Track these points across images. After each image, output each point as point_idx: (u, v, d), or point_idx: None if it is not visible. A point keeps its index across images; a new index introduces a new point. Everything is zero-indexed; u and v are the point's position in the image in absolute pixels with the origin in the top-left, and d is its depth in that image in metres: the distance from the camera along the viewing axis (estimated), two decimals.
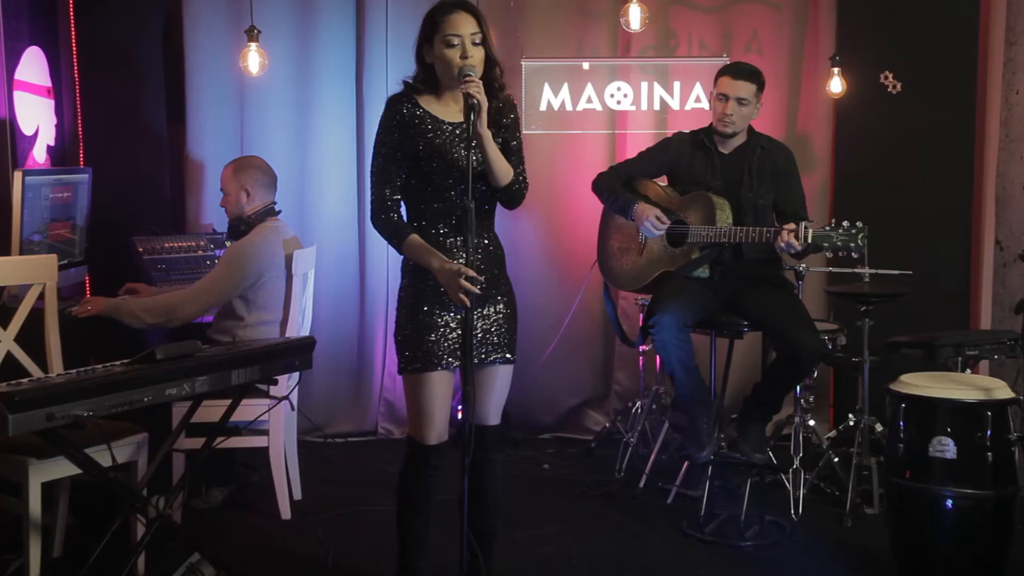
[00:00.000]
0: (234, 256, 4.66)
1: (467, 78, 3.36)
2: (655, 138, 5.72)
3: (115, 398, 3.24)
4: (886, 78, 5.88)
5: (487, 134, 3.40)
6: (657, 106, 6.03)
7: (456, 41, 3.41)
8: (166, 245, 5.42)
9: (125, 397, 3.27)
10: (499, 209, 3.63)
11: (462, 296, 3.32)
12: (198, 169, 5.98)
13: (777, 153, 4.87)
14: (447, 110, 3.52)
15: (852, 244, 4.32)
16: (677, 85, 6.00)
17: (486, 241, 3.57)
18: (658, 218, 4.77)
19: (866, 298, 4.82)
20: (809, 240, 4.37)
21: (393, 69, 5.84)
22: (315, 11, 6.00)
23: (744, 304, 4.76)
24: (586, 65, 5.95)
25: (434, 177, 3.45)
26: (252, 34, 5.48)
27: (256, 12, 5.61)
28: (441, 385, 3.54)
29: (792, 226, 4.41)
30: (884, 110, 5.90)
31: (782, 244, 4.43)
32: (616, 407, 6.21)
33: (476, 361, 3.52)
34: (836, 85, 5.82)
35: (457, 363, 3.52)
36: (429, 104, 3.51)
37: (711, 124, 4.92)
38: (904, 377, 4.09)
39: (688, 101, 6.01)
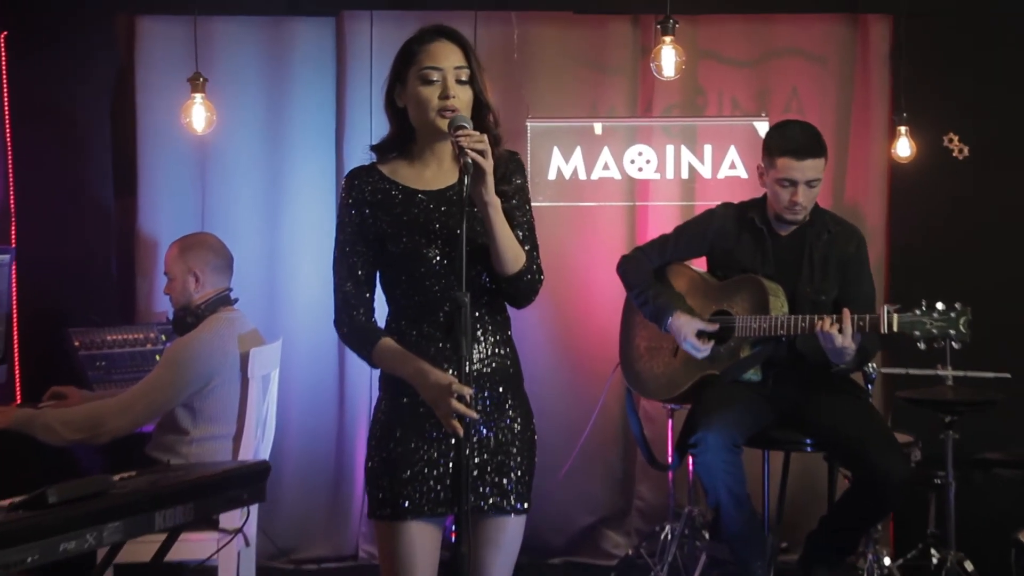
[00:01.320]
0: (176, 355, 4.04)
1: (460, 130, 2.66)
2: (682, 211, 5.31)
3: None
4: (951, 141, 5.31)
5: (496, 202, 2.68)
6: (685, 174, 5.42)
7: (435, 76, 2.73)
8: (108, 338, 4.83)
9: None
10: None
11: (454, 421, 2.56)
12: (151, 248, 5.39)
13: (847, 240, 4.19)
14: (419, 175, 2.84)
15: (952, 331, 3.70)
16: (708, 149, 5.40)
17: (495, 348, 2.83)
18: (700, 336, 4.15)
19: (952, 407, 4.15)
20: (895, 328, 3.73)
21: (378, 131, 5.11)
22: (288, 66, 5.47)
23: (807, 416, 4.06)
24: (598, 129, 5.39)
25: (408, 262, 2.78)
26: (197, 83, 4.81)
27: (219, 67, 5.23)
28: (420, 537, 2.77)
29: (845, 319, 3.78)
30: (948, 176, 5.32)
31: (819, 331, 3.82)
32: (639, 527, 5.51)
33: (473, 509, 2.72)
34: (903, 148, 5.19)
35: (445, 510, 2.75)
36: (398, 171, 2.85)
37: (763, 198, 4.22)
38: None
39: (721, 168, 5.40)
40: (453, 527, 2.60)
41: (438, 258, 2.75)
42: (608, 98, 5.52)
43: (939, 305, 3.74)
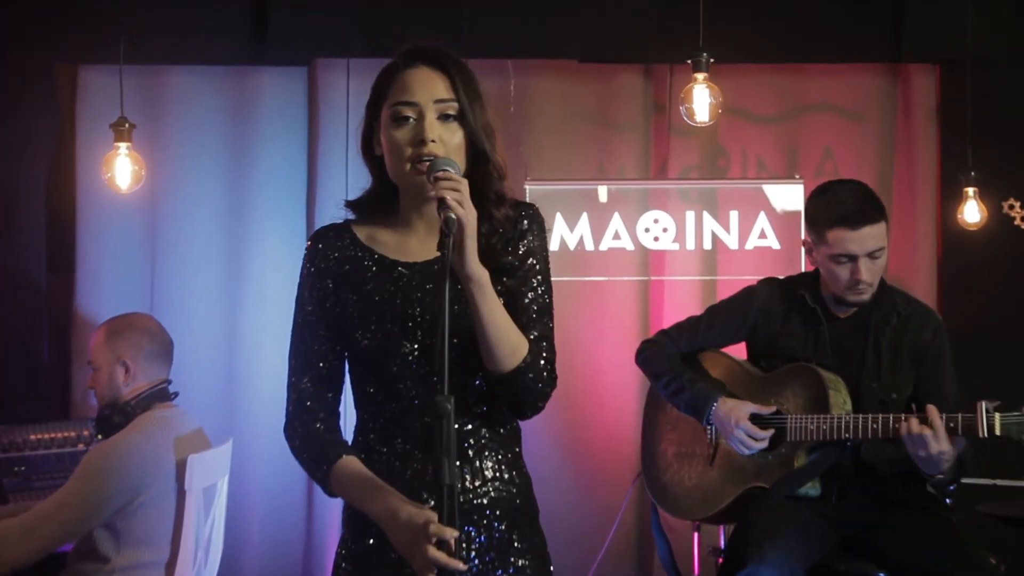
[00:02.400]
0: (96, 464, 3.43)
1: (441, 173, 2.07)
2: (704, 286, 5.04)
3: None
4: (1011, 207, 5.09)
5: (480, 275, 2.07)
6: (708, 244, 5.07)
7: (408, 113, 2.18)
8: (31, 437, 4.31)
9: None
10: None
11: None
12: (89, 331, 4.83)
13: (922, 325, 3.59)
14: (402, 243, 2.29)
15: None
16: (734, 216, 5.03)
17: (496, 471, 2.24)
18: (755, 419, 3.53)
19: None
20: (997, 430, 3.17)
21: (355, 192, 4.74)
22: (254, 121, 5.21)
23: (880, 541, 3.42)
24: (603, 195, 5.01)
25: (379, 357, 2.21)
26: (122, 130, 4.27)
27: (177, 125, 5.00)
28: None
29: (934, 418, 3.21)
30: (1009, 248, 5.12)
31: (905, 434, 3.25)
32: None
33: None
34: (972, 212, 4.76)
35: None
36: (376, 236, 2.30)
37: (814, 273, 3.69)
38: None
39: (749, 238, 5.02)
40: None
41: (416, 353, 2.18)
42: (617, 158, 5.27)
43: None
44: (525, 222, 2.23)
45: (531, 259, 2.23)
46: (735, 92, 5.14)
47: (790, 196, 4.93)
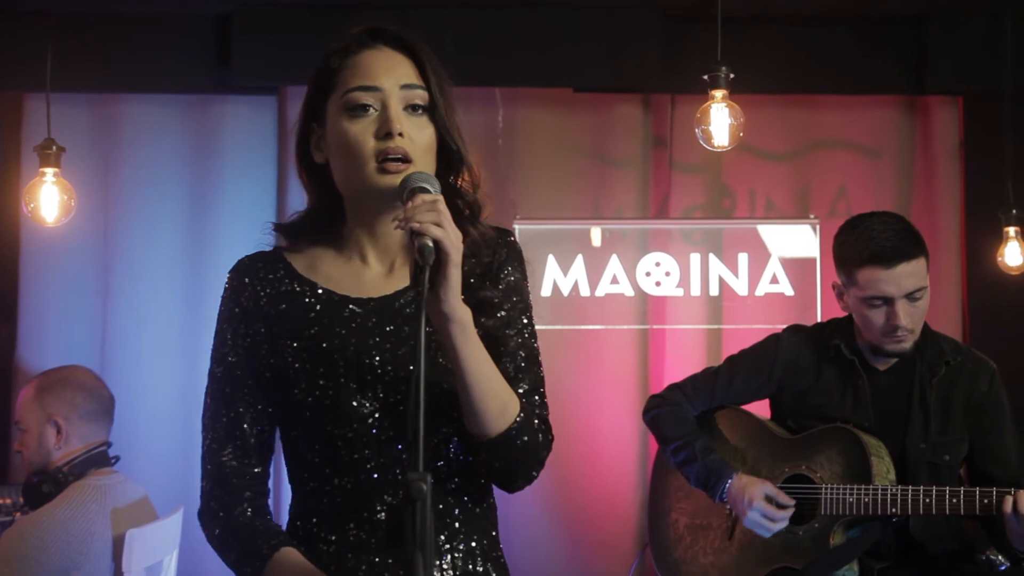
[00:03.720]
0: (19, 542, 3.12)
1: (416, 197, 1.69)
2: (709, 336, 4.83)
3: None
4: None
5: (460, 315, 1.70)
6: (714, 290, 4.86)
7: (369, 100, 1.80)
8: None
9: None
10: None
11: None
12: None
13: (975, 373, 3.23)
14: (352, 274, 1.90)
15: None
16: (743, 259, 4.81)
17: (470, 561, 1.85)
18: (771, 500, 3.17)
19: None
20: None
21: None
22: (219, 155, 4.99)
23: None
24: (596, 238, 4.83)
25: (325, 421, 1.81)
26: (48, 154, 3.85)
27: (133, 157, 4.77)
28: None
29: None
30: None
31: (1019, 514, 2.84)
32: None
33: None
34: (1014, 255, 4.45)
35: None
36: (317, 264, 1.90)
37: (848, 319, 3.35)
38: None
39: (760, 283, 4.81)
40: None
41: (377, 415, 1.77)
42: (615, 196, 5.09)
43: None
44: (504, 250, 1.87)
45: (515, 296, 1.87)
46: (744, 127, 4.85)
47: (804, 237, 4.75)
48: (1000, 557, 3.24)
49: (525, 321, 1.87)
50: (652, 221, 5.02)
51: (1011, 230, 4.46)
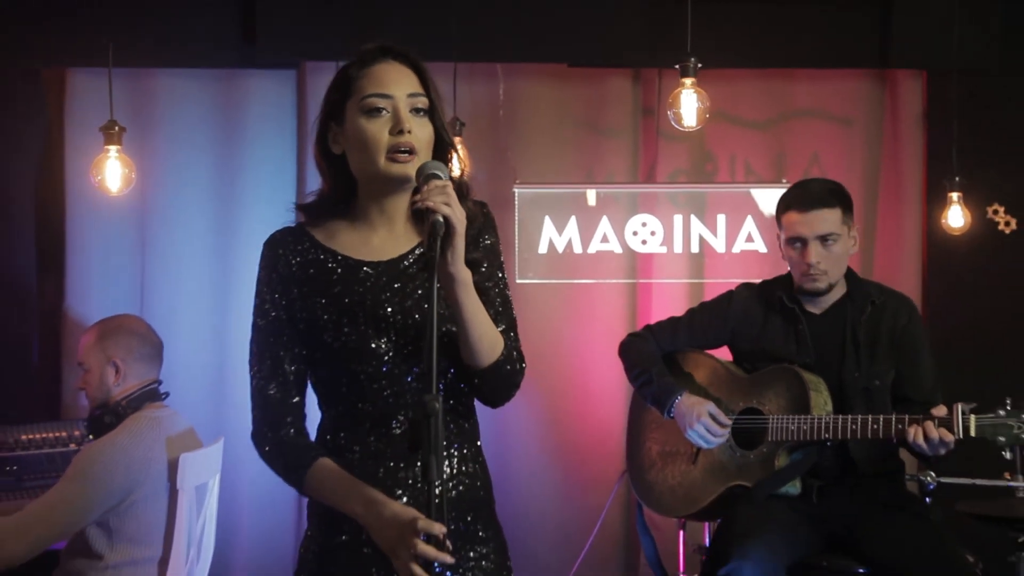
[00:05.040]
0: (88, 464, 3.40)
1: (430, 182, 2.07)
2: (691, 289, 5.03)
3: None
4: (996, 212, 5.08)
5: (465, 276, 2.08)
6: (695, 247, 5.06)
7: (383, 104, 2.16)
8: (22, 437, 4.28)
9: None
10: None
11: (416, 570, 1.97)
12: (79, 332, 4.75)
13: (896, 310, 3.63)
14: (365, 242, 2.26)
15: None
16: (721, 220, 5.02)
17: (463, 465, 2.26)
18: (714, 418, 3.56)
19: None
20: (972, 432, 3.21)
21: None
22: (242, 123, 5.13)
23: (859, 539, 3.45)
24: (593, 197, 5.00)
25: (349, 359, 2.19)
26: (112, 133, 4.19)
27: (166, 127, 4.92)
28: None
29: (942, 410, 3.24)
30: (992, 251, 5.12)
31: (923, 442, 3.24)
32: None
33: None
34: (956, 218, 4.76)
35: None
36: (334, 237, 2.27)
37: (788, 274, 3.74)
38: None
39: (737, 241, 5.02)
40: None
41: (390, 354, 2.17)
42: (606, 162, 5.23)
43: None
44: (482, 219, 2.25)
45: (492, 255, 2.25)
46: (723, 97, 5.11)
47: (776, 200, 4.86)
48: (929, 477, 3.59)
49: (500, 275, 2.26)
50: (640, 185, 5.15)
51: (954, 195, 4.74)
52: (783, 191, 4.70)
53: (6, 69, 4.85)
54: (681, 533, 4.27)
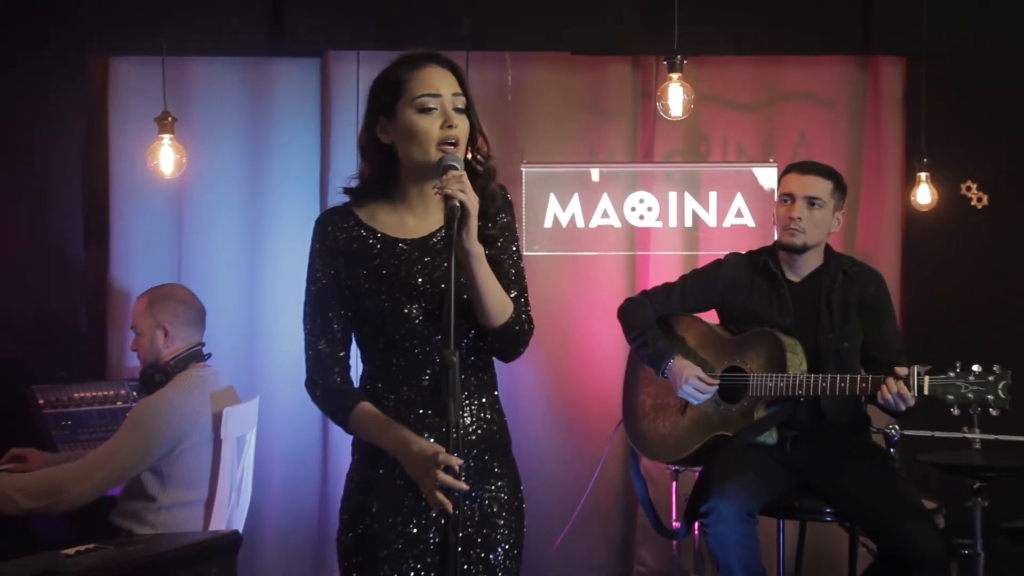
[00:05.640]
0: (143, 416, 3.76)
1: (448, 172, 2.39)
2: (685, 260, 5.15)
3: None
4: (968, 189, 5.18)
5: (478, 251, 2.40)
6: (689, 222, 5.23)
7: (433, 104, 2.45)
8: (75, 395, 4.57)
9: None
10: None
11: (440, 496, 2.29)
12: (123, 300, 5.13)
13: (865, 281, 3.96)
14: (401, 221, 2.58)
15: (990, 397, 3.49)
16: (713, 197, 5.21)
17: (481, 412, 2.57)
18: (701, 380, 3.89)
19: (980, 472, 3.82)
20: (926, 391, 3.52)
21: None
22: (271, 108, 5.30)
23: (828, 483, 3.78)
24: (595, 175, 5.20)
25: (386, 321, 2.51)
26: (165, 123, 4.49)
27: (199, 112, 5.06)
28: None
29: (903, 370, 3.53)
30: (967, 228, 5.22)
31: (888, 397, 3.55)
32: None
33: None
34: (924, 195, 4.95)
35: None
36: (375, 217, 2.58)
37: (774, 243, 4.04)
38: None
39: (727, 216, 5.20)
40: None
41: (420, 317, 2.49)
42: (607, 143, 5.37)
43: (975, 367, 3.54)
44: (500, 200, 2.57)
45: (508, 232, 2.56)
46: (717, 82, 5.27)
47: (765, 178, 5.10)
48: (894, 430, 3.86)
49: (514, 249, 2.57)
50: (638, 164, 5.28)
51: (922, 175, 4.92)
52: (771, 170, 4.99)
53: (54, 57, 4.98)
54: (674, 484, 4.55)
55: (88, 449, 4.08)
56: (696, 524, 3.91)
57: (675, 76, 4.29)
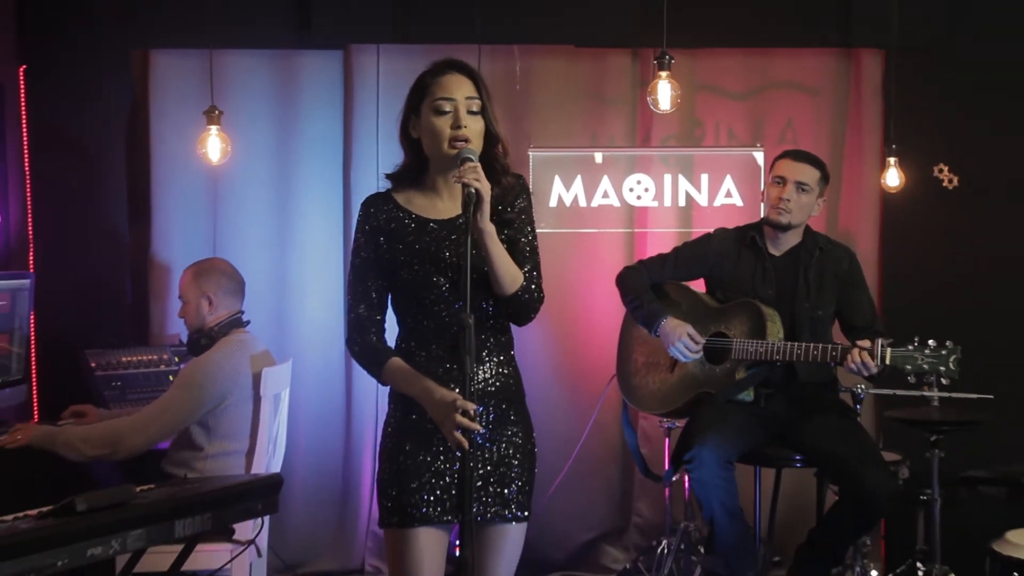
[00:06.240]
0: (191, 376, 4.12)
1: (464, 164, 2.76)
2: (679, 237, 5.33)
3: (18, 565, 2.63)
4: (940, 171, 5.45)
5: (490, 229, 2.78)
6: (682, 202, 5.54)
7: (447, 107, 2.84)
8: (123, 359, 4.92)
9: (31, 563, 2.66)
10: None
11: (458, 436, 2.67)
12: (164, 273, 5.47)
13: (839, 256, 4.34)
14: (432, 205, 2.95)
15: (942, 368, 3.84)
16: (705, 178, 5.52)
17: (499, 368, 2.94)
18: (691, 337, 4.24)
19: (937, 427, 4.21)
20: (887, 361, 3.87)
21: (385, 160, 5.08)
22: (297, 98, 5.57)
23: (798, 435, 4.18)
24: (599, 157, 5.50)
25: (418, 289, 2.88)
26: (213, 115, 4.87)
27: (230, 98, 5.21)
28: (428, 544, 2.89)
29: (866, 343, 3.89)
30: (939, 207, 5.48)
31: (853, 365, 3.90)
32: (637, 542, 5.59)
33: (477, 518, 2.86)
34: (892, 178, 5.27)
35: (450, 518, 2.88)
36: (411, 201, 2.95)
37: (761, 219, 4.41)
38: (1013, 535, 3.37)
39: (717, 196, 5.52)
40: (457, 542, 2.74)
41: (447, 286, 2.85)
42: (608, 128, 5.61)
43: (931, 342, 3.86)
44: (517, 188, 2.95)
45: (524, 215, 2.94)
46: (710, 72, 5.55)
47: (751, 161, 5.40)
48: (860, 388, 4.24)
49: (529, 230, 2.94)
50: (637, 149, 5.52)
51: (891, 160, 5.21)
52: (759, 154, 5.31)
53: (100, 50, 5.27)
54: (667, 440, 4.94)
55: (135, 407, 4.45)
56: (680, 469, 4.29)
57: (664, 74, 4.59)
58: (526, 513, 2.94)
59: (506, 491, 2.90)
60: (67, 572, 2.75)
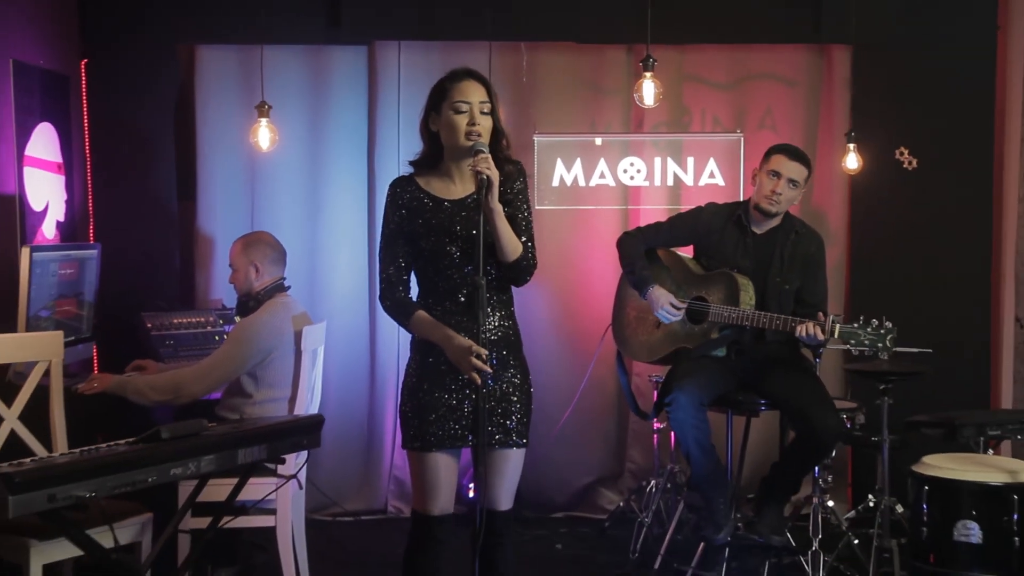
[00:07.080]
0: (243, 333, 4.57)
1: (479, 155, 3.30)
2: (668, 214, 5.64)
3: (118, 478, 3.16)
4: (901, 154, 5.85)
5: (499, 208, 3.31)
6: (671, 182, 5.97)
7: (464, 108, 3.34)
8: (174, 321, 5.36)
9: (129, 477, 3.19)
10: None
11: (473, 374, 3.24)
12: (208, 244, 5.94)
13: (810, 241, 4.77)
14: (447, 187, 3.45)
15: (880, 345, 4.24)
16: (691, 161, 5.94)
17: (501, 321, 3.47)
18: (673, 305, 4.69)
19: (885, 377, 4.69)
20: (836, 335, 4.30)
21: (405, 146, 5.75)
22: (327, 88, 5.98)
23: (762, 384, 4.67)
24: (598, 141, 5.89)
25: (434, 256, 3.39)
26: (263, 109, 5.40)
27: (267, 88, 5.52)
28: (443, 464, 3.45)
29: (820, 317, 4.34)
30: (900, 186, 5.88)
31: (804, 335, 4.35)
32: (630, 486, 6.09)
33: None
34: (852, 161, 5.70)
35: (461, 444, 3.43)
36: (429, 183, 3.44)
37: (748, 200, 4.81)
38: (927, 459, 4.00)
39: (702, 177, 5.95)
40: (470, 484, 3.23)
41: (458, 254, 3.36)
42: (605, 116, 6.00)
43: (874, 321, 4.27)
44: (516, 174, 3.46)
45: (521, 195, 3.47)
46: (696, 65, 5.96)
47: (733, 146, 5.83)
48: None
49: (526, 208, 3.47)
50: (631, 135, 5.91)
51: (850, 145, 5.60)
52: (738, 139, 5.75)
53: (150, 44, 5.71)
54: (655, 392, 5.36)
55: (187, 362, 4.89)
56: (662, 410, 4.75)
57: (648, 74, 5.08)
58: (524, 440, 3.47)
59: (507, 422, 3.40)
60: (154, 486, 3.27)
